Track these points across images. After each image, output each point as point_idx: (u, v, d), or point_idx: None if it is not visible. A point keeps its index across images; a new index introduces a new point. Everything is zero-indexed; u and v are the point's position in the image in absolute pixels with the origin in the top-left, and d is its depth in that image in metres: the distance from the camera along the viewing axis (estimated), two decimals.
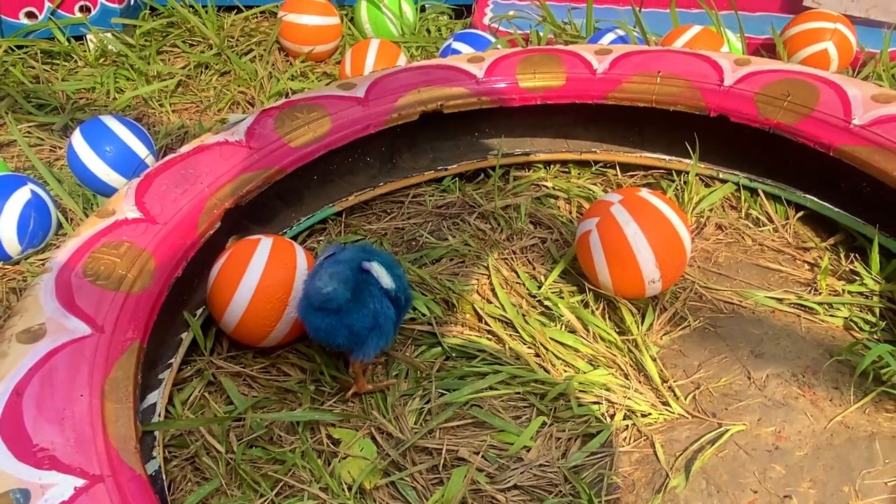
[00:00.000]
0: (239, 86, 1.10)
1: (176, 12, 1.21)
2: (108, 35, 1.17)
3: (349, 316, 0.55)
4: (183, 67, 1.15)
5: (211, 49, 1.17)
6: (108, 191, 0.87)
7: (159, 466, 0.52)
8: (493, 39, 1.06)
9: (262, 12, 1.29)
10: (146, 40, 1.20)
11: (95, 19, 1.17)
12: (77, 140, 0.86)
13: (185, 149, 0.73)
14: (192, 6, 1.24)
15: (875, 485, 0.52)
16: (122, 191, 0.67)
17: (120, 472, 0.45)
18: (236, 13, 1.27)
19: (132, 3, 1.23)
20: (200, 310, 0.67)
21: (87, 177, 0.86)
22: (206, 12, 1.24)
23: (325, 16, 1.16)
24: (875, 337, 0.64)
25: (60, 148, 0.98)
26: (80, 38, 1.19)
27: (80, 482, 0.43)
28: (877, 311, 0.66)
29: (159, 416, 0.57)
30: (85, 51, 1.18)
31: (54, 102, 1.05)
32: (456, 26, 1.28)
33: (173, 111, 1.06)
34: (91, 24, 1.16)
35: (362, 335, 0.55)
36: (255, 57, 1.16)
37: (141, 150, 0.88)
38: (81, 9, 1.16)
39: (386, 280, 0.56)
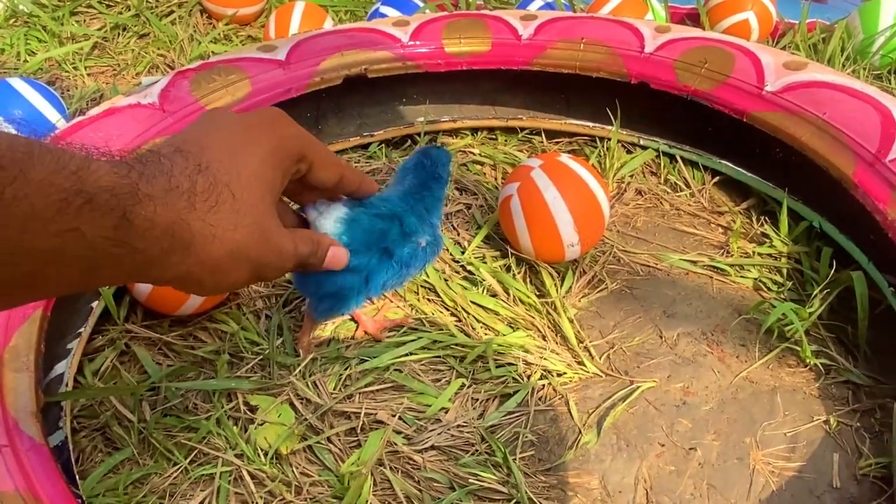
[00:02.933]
0: (158, 49, 1.06)
1: None
2: None
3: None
4: (99, 29, 1.10)
5: (129, 10, 1.12)
6: None
7: (66, 437, 0.51)
8: (421, 4, 1.05)
9: None
10: (60, 0, 1.14)
11: None
12: None
13: (95, 111, 0.70)
14: None
15: (775, 435, 0.55)
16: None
17: (19, 440, 0.43)
18: None
19: None
20: None
21: None
22: None
23: None
24: (782, 296, 0.66)
25: None
26: None
27: None
28: (784, 271, 0.68)
29: (66, 385, 0.55)
30: None
31: None
32: None
33: (88, 75, 1.02)
34: None
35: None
36: (175, 19, 1.12)
37: (52, 113, 0.84)
38: None
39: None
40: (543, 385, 0.58)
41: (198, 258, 0.34)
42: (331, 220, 0.46)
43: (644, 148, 0.84)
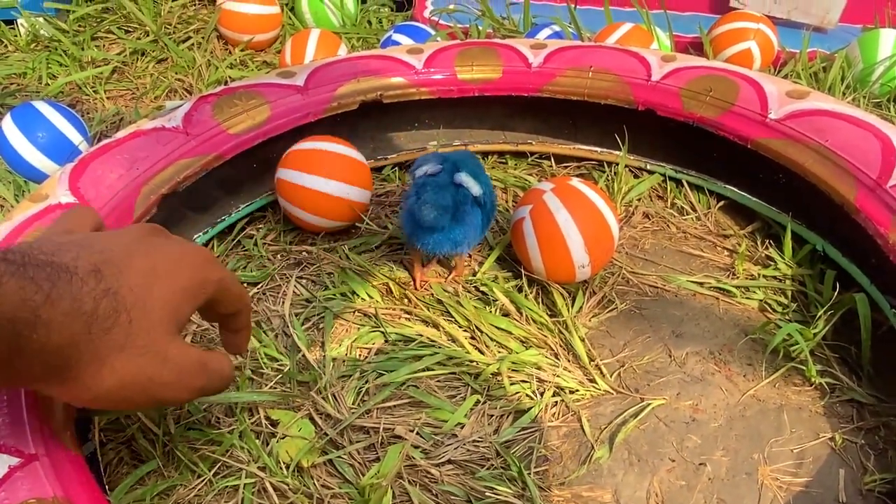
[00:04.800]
0: (176, 73, 1.09)
1: None
2: (41, 20, 1.14)
3: (452, 231, 0.65)
4: (119, 54, 1.13)
5: (147, 36, 1.15)
6: (39, 177, 0.85)
7: (95, 448, 0.53)
8: (433, 32, 1.08)
9: (200, 0, 1.28)
10: (80, 26, 1.18)
11: (27, 3, 1.14)
12: (8, 125, 0.84)
13: (120, 134, 0.72)
14: None
15: (782, 452, 0.56)
16: (56, 175, 0.66)
17: (55, 451, 0.45)
18: (173, 0, 1.25)
19: None
20: None
21: (19, 163, 0.84)
22: None
23: (266, 5, 1.16)
24: (786, 317, 0.68)
25: None
26: (10, 22, 1.16)
27: (14, 461, 0.43)
28: (789, 293, 0.70)
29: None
30: (16, 35, 1.15)
31: None
32: (397, 18, 1.30)
33: (108, 98, 1.05)
34: (22, 8, 1.13)
35: (461, 242, 0.66)
36: (193, 45, 1.15)
37: (74, 136, 0.86)
38: None
39: (475, 189, 0.65)
40: (556, 402, 0.60)
41: (83, 380, 0.36)
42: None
43: (651, 172, 0.86)
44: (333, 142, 0.77)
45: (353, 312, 0.70)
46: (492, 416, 0.59)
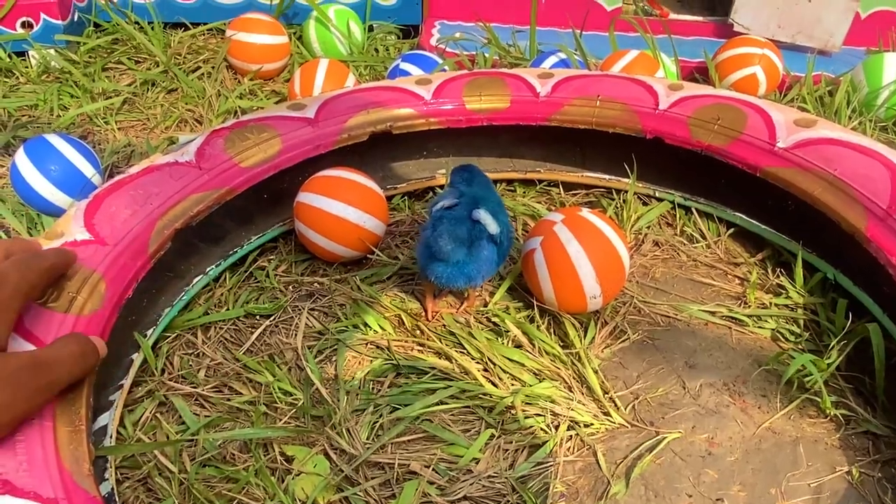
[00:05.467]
0: (186, 103, 1.10)
1: (121, 29, 1.21)
2: (51, 52, 1.16)
3: (466, 266, 0.66)
4: (129, 85, 1.14)
5: (157, 66, 1.16)
6: (52, 210, 0.86)
7: (112, 488, 0.53)
8: (440, 60, 1.09)
9: (209, 30, 1.29)
10: (90, 57, 1.19)
11: (38, 35, 1.16)
12: (21, 159, 0.85)
13: (134, 169, 0.73)
14: (137, 23, 1.24)
15: (799, 486, 0.56)
16: (71, 212, 0.66)
17: (75, 495, 0.45)
18: (183, 30, 1.27)
19: (76, 19, 1.21)
20: (151, 330, 0.67)
21: (32, 196, 0.85)
22: (153, 29, 1.23)
23: (274, 35, 1.17)
24: (799, 347, 0.68)
25: (2, 167, 0.97)
26: (21, 54, 1.17)
27: None
28: (801, 322, 0.70)
29: (111, 437, 0.57)
30: (27, 67, 1.16)
31: None
32: (403, 46, 1.31)
33: (119, 129, 1.06)
34: (34, 41, 1.15)
35: (475, 277, 0.67)
36: (202, 74, 1.16)
37: (87, 168, 0.87)
38: (23, 24, 1.15)
39: (493, 227, 0.66)
40: (571, 436, 0.60)
41: None
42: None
43: (660, 200, 0.87)
44: (355, 172, 0.78)
45: (366, 345, 0.70)
46: (507, 450, 0.59)
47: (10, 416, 0.43)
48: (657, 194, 0.87)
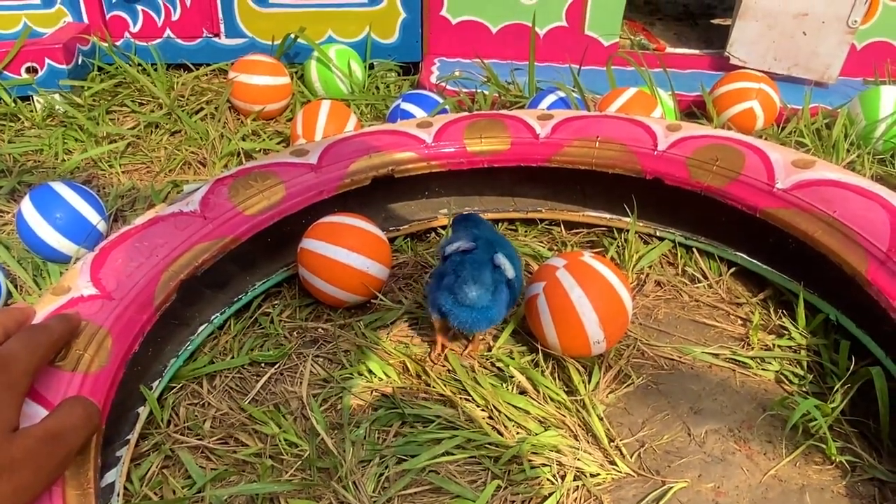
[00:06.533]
0: (190, 146, 1.11)
1: (124, 72, 1.22)
2: (56, 96, 1.17)
3: (490, 311, 0.67)
4: (133, 128, 1.15)
5: (161, 108, 1.18)
6: (58, 257, 0.87)
7: None
8: (440, 99, 1.10)
9: (212, 70, 1.31)
10: (95, 100, 1.20)
11: (42, 80, 1.17)
12: (27, 207, 0.85)
13: (139, 220, 0.73)
14: (140, 65, 1.25)
15: None
16: (77, 266, 0.67)
17: None
18: (186, 72, 1.28)
19: (80, 62, 1.23)
20: (156, 382, 0.68)
21: (37, 244, 0.86)
22: (156, 70, 1.25)
23: (276, 76, 1.18)
24: (803, 389, 0.68)
25: (7, 213, 0.97)
26: (26, 98, 1.19)
27: None
28: (804, 364, 0.71)
29: (118, 495, 0.57)
30: (32, 111, 1.18)
31: (1, 166, 1.05)
32: (404, 83, 1.32)
33: (123, 172, 1.07)
34: (38, 85, 1.16)
35: (496, 320, 0.69)
36: (206, 116, 1.17)
37: (92, 215, 0.88)
38: (28, 70, 1.16)
39: (510, 272, 0.68)
40: (578, 486, 0.60)
41: None
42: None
43: (661, 239, 0.87)
44: (358, 218, 0.78)
45: (371, 392, 0.70)
46: (513, 502, 0.59)
47: (32, 495, 0.43)
48: (658, 233, 0.87)
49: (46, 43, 1.18)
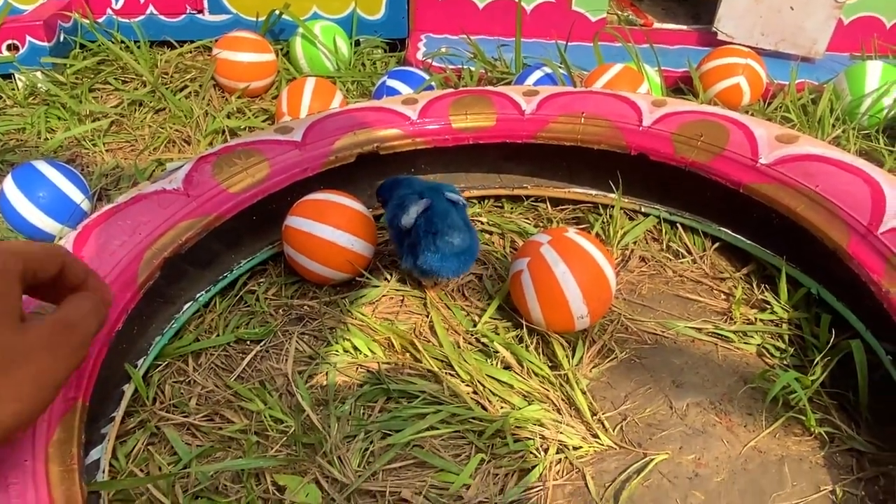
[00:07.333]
0: (174, 124, 1.10)
1: (107, 49, 1.21)
2: (38, 74, 1.16)
3: (473, 246, 0.73)
4: (116, 106, 1.14)
5: (145, 86, 1.16)
6: (42, 236, 0.86)
7: None
8: (426, 76, 1.10)
9: (196, 48, 1.29)
10: (77, 78, 1.19)
11: (24, 58, 1.16)
12: (9, 186, 0.85)
13: (122, 199, 0.73)
14: (123, 42, 1.24)
15: None
16: (60, 244, 0.67)
17: None
18: (169, 49, 1.27)
19: (62, 40, 1.21)
20: (142, 360, 0.68)
21: (20, 223, 0.85)
22: (139, 48, 1.23)
23: (260, 52, 1.17)
24: (784, 363, 0.69)
25: None
26: (7, 76, 1.17)
27: None
28: (786, 337, 0.71)
29: (103, 471, 0.57)
30: (13, 90, 1.16)
31: None
32: (390, 60, 1.31)
33: (107, 151, 1.06)
34: (19, 63, 1.15)
35: (478, 249, 0.75)
36: (190, 93, 1.16)
37: (75, 194, 0.87)
38: (9, 47, 1.15)
39: (462, 198, 0.74)
40: (560, 459, 0.60)
41: None
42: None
43: (646, 215, 0.87)
44: (343, 195, 0.78)
45: (356, 368, 0.70)
46: (497, 475, 0.59)
47: (53, 381, 0.42)
48: (643, 209, 0.88)
49: (27, 20, 1.16)
